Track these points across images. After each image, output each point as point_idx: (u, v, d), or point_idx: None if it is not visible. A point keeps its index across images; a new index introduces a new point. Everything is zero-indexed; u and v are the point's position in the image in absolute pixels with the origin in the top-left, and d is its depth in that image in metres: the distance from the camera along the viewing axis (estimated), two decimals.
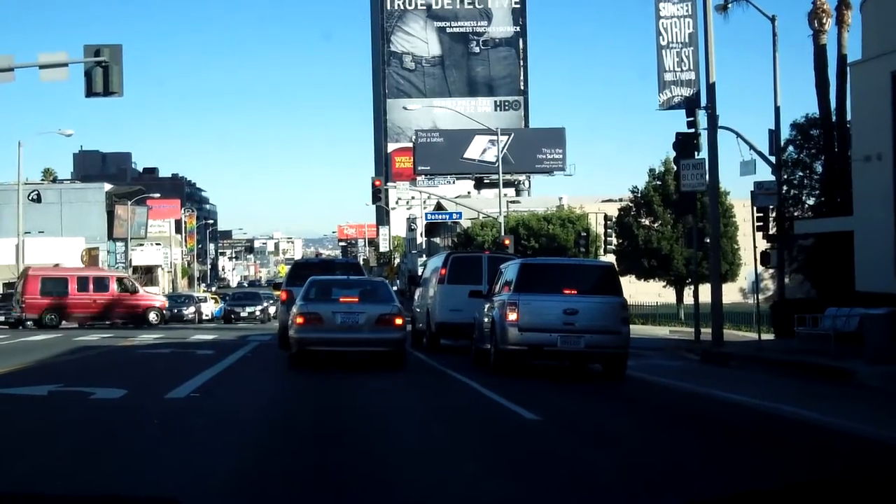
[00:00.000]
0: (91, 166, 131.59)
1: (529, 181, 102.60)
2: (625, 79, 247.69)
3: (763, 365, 21.26)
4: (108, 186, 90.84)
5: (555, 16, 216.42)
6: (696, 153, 29.28)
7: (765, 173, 33.12)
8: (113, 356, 22.11)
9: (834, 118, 32.16)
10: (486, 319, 19.22)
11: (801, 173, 35.40)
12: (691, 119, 31.46)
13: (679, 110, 27.07)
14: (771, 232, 32.44)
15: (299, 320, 17.35)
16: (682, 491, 7.39)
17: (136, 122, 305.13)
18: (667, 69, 26.04)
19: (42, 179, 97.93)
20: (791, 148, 35.27)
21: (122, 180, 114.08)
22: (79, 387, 13.79)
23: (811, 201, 35.48)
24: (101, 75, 29.08)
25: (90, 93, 29.34)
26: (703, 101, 26.15)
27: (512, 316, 16.53)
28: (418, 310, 26.44)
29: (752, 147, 32.05)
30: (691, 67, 26.00)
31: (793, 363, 20.39)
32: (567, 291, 16.72)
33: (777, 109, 33.31)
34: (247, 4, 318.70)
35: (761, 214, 33.06)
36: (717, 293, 26.16)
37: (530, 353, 16.68)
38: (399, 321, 17.56)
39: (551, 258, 38.58)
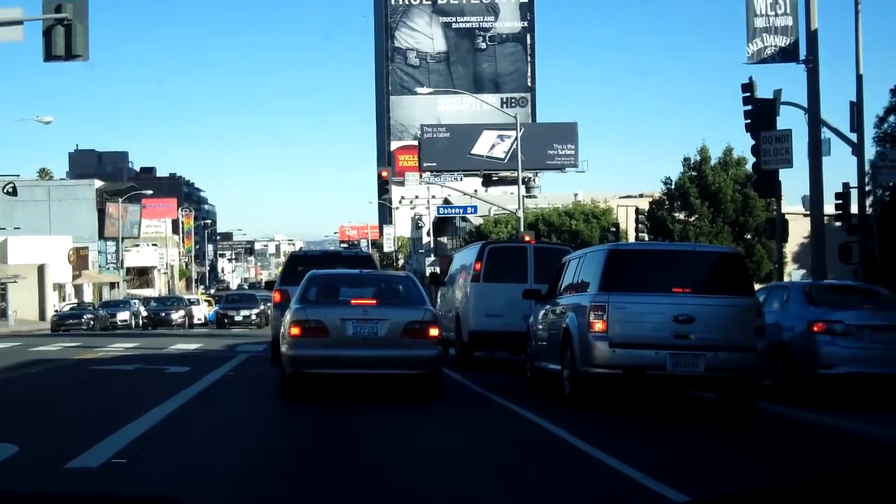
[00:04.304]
0: (86, 165, 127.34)
1: (537, 178, 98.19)
2: (638, 74, 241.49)
3: None
4: (99, 183, 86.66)
5: (564, 11, 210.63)
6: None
7: (841, 154, 28.25)
8: (53, 377, 17.11)
9: None
10: (540, 327, 14.33)
11: None
12: (748, 94, 26.76)
13: (771, 64, 22.11)
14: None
15: (294, 331, 12.32)
16: None
17: (133, 121, 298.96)
18: (757, 13, 21.09)
19: (38, 180, 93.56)
20: (893, 118, 30.11)
21: (119, 180, 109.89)
22: None
23: None
24: (63, 35, 24.39)
25: (49, 56, 24.65)
26: (803, 53, 21.22)
27: (598, 325, 11.53)
28: (443, 314, 21.47)
29: (824, 123, 27.16)
30: (787, 11, 21.06)
31: None
32: (677, 290, 11.74)
33: (859, 78, 28.36)
34: (248, 3, 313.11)
35: (841, 202, 28.16)
36: None
37: (626, 378, 11.66)
38: (435, 331, 12.55)
39: (649, 243, 32.25)
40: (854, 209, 28.51)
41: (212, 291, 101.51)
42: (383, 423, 10.64)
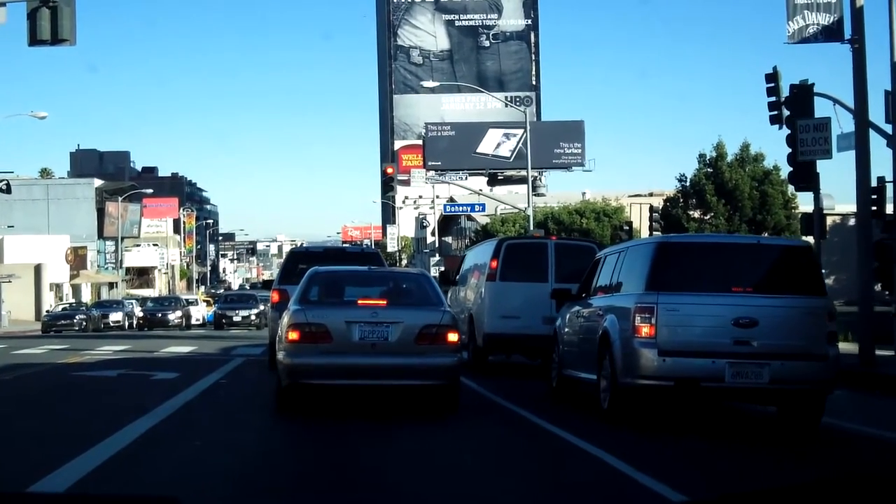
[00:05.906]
0: (87, 165, 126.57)
1: (543, 177, 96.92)
2: (640, 73, 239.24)
3: None
4: (98, 182, 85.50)
5: (568, 8, 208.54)
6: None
7: (874, 147, 26.56)
8: (26, 385, 15.49)
9: None
10: (570, 331, 12.76)
11: None
12: (772, 85, 25.20)
13: (813, 44, 20.47)
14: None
15: (292, 335, 10.70)
16: None
17: (135, 121, 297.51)
18: None
19: (36, 178, 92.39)
20: None
21: (120, 179, 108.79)
22: None
23: None
24: (49, 18, 23.17)
25: (34, 40, 23.41)
26: (847, 32, 19.59)
27: (645, 330, 9.92)
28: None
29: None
30: None
31: None
32: (736, 289, 10.12)
33: (894, 66, 26.84)
34: (250, 3, 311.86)
35: (875, 196, 26.52)
36: (867, 298, 19.53)
37: (678, 390, 10.05)
38: (454, 336, 10.97)
39: (704, 235, 30.22)
40: (889, 207, 26.93)
41: (220, 291, 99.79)
42: (397, 445, 9.05)
